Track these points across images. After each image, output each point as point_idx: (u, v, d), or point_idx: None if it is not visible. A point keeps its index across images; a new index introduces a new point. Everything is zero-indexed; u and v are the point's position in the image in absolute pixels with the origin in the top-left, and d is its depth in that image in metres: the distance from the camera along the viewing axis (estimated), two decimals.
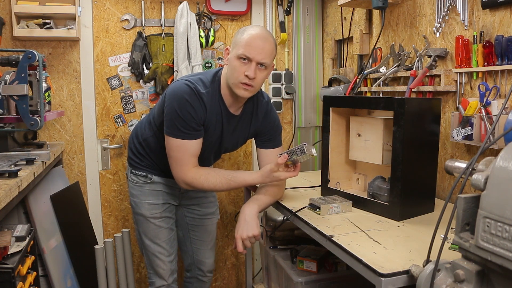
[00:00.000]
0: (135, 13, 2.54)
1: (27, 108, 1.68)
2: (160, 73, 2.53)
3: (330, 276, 1.90)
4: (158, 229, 1.93)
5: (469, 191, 1.61)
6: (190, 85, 1.64)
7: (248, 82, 1.60)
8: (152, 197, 1.91)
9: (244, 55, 1.58)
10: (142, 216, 1.92)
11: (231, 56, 1.63)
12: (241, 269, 2.93)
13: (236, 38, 1.64)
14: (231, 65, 1.62)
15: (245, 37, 1.60)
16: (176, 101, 1.63)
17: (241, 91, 1.63)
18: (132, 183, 1.94)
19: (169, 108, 1.65)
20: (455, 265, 0.96)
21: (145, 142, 1.89)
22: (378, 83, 2.15)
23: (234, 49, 1.62)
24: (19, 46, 2.36)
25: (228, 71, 1.65)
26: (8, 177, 1.47)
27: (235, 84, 1.62)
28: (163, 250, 1.94)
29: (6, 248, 1.38)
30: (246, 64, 1.59)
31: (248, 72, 1.59)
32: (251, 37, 1.59)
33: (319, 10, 2.84)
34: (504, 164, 0.87)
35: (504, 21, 1.53)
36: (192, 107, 1.62)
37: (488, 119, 1.53)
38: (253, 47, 1.58)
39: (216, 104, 1.70)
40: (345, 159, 1.87)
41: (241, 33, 1.62)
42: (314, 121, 2.89)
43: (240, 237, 1.64)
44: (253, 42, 1.58)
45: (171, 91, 1.67)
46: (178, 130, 1.64)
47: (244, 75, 1.59)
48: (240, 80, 1.61)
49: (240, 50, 1.58)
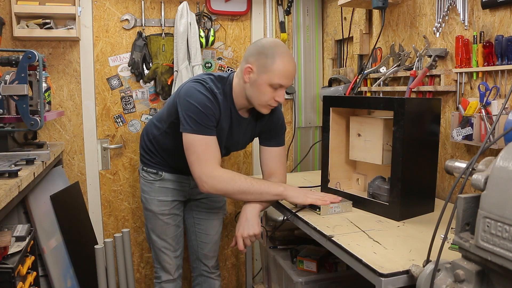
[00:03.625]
0: (135, 13, 2.54)
1: (27, 108, 1.68)
2: (160, 73, 2.53)
3: (330, 276, 1.90)
4: (166, 225, 1.97)
5: (469, 191, 1.61)
6: (205, 84, 1.67)
7: (275, 105, 1.67)
8: (162, 194, 1.95)
9: (280, 85, 1.61)
10: (152, 212, 1.96)
11: (259, 81, 1.62)
12: (241, 269, 2.93)
13: (265, 62, 1.60)
14: (259, 89, 1.63)
15: (279, 67, 1.59)
16: (194, 97, 1.63)
17: (266, 111, 1.70)
18: (143, 179, 1.99)
19: (188, 105, 1.63)
20: (455, 265, 0.96)
21: (154, 140, 1.92)
22: (378, 83, 2.15)
23: (265, 75, 1.60)
24: (19, 46, 2.36)
25: (254, 92, 1.65)
26: (8, 177, 1.47)
27: (262, 106, 1.67)
28: (169, 245, 2.00)
29: (6, 248, 1.38)
30: (277, 90, 1.63)
31: (280, 98, 1.64)
32: (286, 66, 1.60)
33: (319, 10, 2.83)
34: (504, 164, 0.87)
35: (504, 21, 1.53)
36: (211, 101, 1.64)
37: (488, 119, 1.53)
38: (288, 77, 1.62)
39: (227, 106, 1.72)
40: (345, 159, 1.87)
41: (271, 59, 1.59)
42: (314, 121, 2.89)
43: (241, 235, 1.64)
44: (288, 73, 1.61)
45: (187, 89, 1.67)
46: (199, 125, 1.61)
47: (274, 100, 1.64)
48: (268, 103, 1.65)
49: (276, 80, 1.60)
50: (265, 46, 1.62)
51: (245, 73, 1.65)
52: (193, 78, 1.73)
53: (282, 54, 1.60)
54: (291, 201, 1.67)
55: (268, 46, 1.62)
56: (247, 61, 1.65)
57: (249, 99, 1.68)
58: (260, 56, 1.61)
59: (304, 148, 2.89)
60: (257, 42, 1.67)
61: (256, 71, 1.62)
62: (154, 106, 2.64)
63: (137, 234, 2.69)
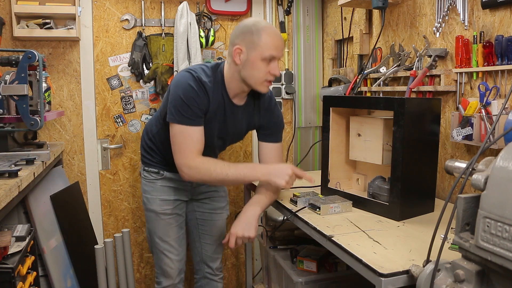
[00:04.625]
0: (135, 13, 2.54)
1: (27, 108, 1.68)
2: (160, 73, 2.53)
3: (330, 276, 1.90)
4: (168, 226, 1.94)
5: (469, 191, 1.61)
6: (193, 73, 1.67)
7: (272, 79, 1.69)
8: (164, 193, 1.93)
9: (272, 56, 1.63)
10: (153, 212, 1.93)
11: (251, 58, 1.64)
12: (241, 269, 2.93)
13: (252, 39, 1.63)
14: (254, 66, 1.64)
15: (267, 40, 1.62)
16: (180, 88, 1.66)
17: (266, 88, 1.71)
18: (144, 179, 1.97)
19: (174, 95, 1.67)
20: (455, 265, 0.96)
21: (154, 138, 1.93)
22: (378, 83, 2.15)
23: (255, 51, 1.62)
24: (19, 46, 2.36)
25: (248, 71, 1.66)
26: (8, 177, 1.47)
27: (259, 83, 1.68)
28: (172, 248, 1.95)
29: (6, 248, 1.38)
30: (270, 63, 1.64)
31: (275, 71, 1.66)
32: (273, 38, 1.63)
33: (319, 10, 2.83)
34: (504, 164, 0.87)
35: (504, 21, 1.53)
36: (196, 93, 1.65)
37: (488, 119, 1.53)
38: (278, 47, 1.65)
39: (218, 94, 1.72)
40: (345, 159, 1.87)
41: (257, 34, 1.62)
42: (314, 121, 2.89)
43: (236, 233, 1.66)
44: (275, 43, 1.64)
45: (175, 80, 1.70)
46: (181, 116, 1.65)
47: (270, 73, 1.66)
48: (265, 79, 1.67)
49: (267, 53, 1.62)
50: (248, 25, 1.66)
51: (234, 55, 1.66)
52: (186, 68, 1.75)
53: (266, 28, 1.64)
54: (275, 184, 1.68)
55: (251, 24, 1.66)
56: (234, 43, 1.67)
57: (245, 81, 1.69)
58: (246, 35, 1.64)
59: (304, 148, 2.89)
60: (239, 25, 1.70)
61: (246, 50, 1.64)
62: (154, 106, 2.64)
63: (137, 234, 2.69)
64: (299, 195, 1.75)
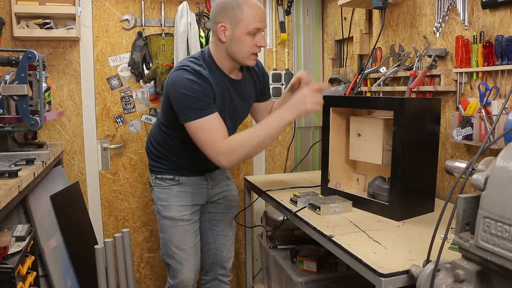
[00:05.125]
0: (135, 13, 2.54)
1: (27, 108, 1.68)
2: (160, 73, 2.53)
3: (330, 276, 1.90)
4: (185, 233, 1.89)
5: (469, 191, 1.61)
6: (186, 67, 1.65)
7: (258, 51, 1.70)
8: (181, 198, 1.89)
9: (256, 30, 1.64)
10: (171, 219, 1.88)
11: (237, 34, 1.65)
12: (241, 269, 2.93)
13: (234, 14, 1.63)
14: (240, 41, 1.65)
15: (249, 13, 1.63)
16: (180, 85, 1.62)
17: (253, 61, 1.72)
18: (158, 187, 1.91)
19: (177, 94, 1.62)
20: (455, 265, 0.96)
21: (161, 148, 1.89)
22: (378, 83, 2.15)
23: (240, 26, 1.63)
24: (19, 46, 2.36)
25: (235, 47, 1.67)
26: (8, 177, 1.47)
27: (247, 57, 1.69)
28: (189, 257, 1.90)
29: (6, 248, 1.38)
30: (255, 36, 1.65)
31: (261, 43, 1.67)
32: (255, 10, 1.64)
33: (319, 10, 2.83)
34: (504, 164, 0.87)
35: (504, 21, 1.53)
36: (198, 83, 1.62)
37: (488, 119, 1.53)
38: (260, 19, 1.65)
39: (216, 76, 1.72)
40: (345, 159, 1.87)
41: (239, 9, 1.63)
42: (314, 121, 2.89)
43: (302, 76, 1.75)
44: (258, 15, 1.65)
45: (171, 81, 1.67)
46: (194, 110, 1.60)
47: (256, 46, 1.67)
48: (252, 52, 1.68)
49: (251, 26, 1.63)
50: (227, 1, 1.66)
51: (219, 33, 1.67)
52: (174, 68, 1.72)
53: (246, 1, 1.64)
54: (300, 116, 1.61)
55: (231, 1, 1.66)
56: (216, 21, 1.67)
57: (233, 57, 1.70)
58: (227, 11, 1.64)
59: (304, 148, 2.89)
60: (216, 3, 1.69)
61: (230, 27, 1.65)
62: (154, 106, 2.64)
63: (137, 234, 2.70)
64: (299, 195, 1.75)
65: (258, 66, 1.90)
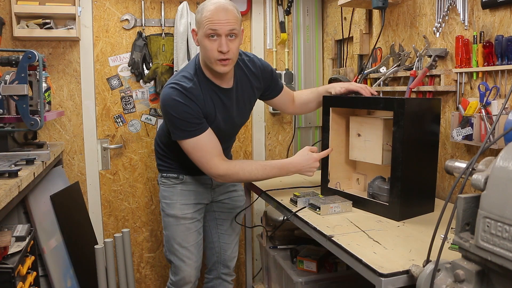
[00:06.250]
0: (135, 13, 2.54)
1: (27, 108, 1.68)
2: (160, 73, 2.53)
3: (330, 276, 1.90)
4: (187, 231, 1.91)
5: (469, 191, 1.61)
6: (175, 86, 1.65)
7: (223, 57, 1.61)
8: (184, 197, 1.91)
9: (211, 32, 1.58)
10: (173, 217, 1.90)
11: (199, 37, 1.64)
12: (241, 269, 2.93)
13: (197, 17, 1.63)
14: (202, 45, 1.64)
15: (206, 15, 1.59)
16: (168, 106, 1.65)
17: (220, 68, 1.64)
18: (163, 185, 1.94)
19: (167, 115, 1.68)
20: (455, 265, 0.96)
21: (166, 148, 1.92)
22: (378, 83, 2.14)
23: (201, 30, 1.62)
24: (19, 46, 2.36)
25: (202, 52, 1.67)
26: (8, 177, 1.47)
27: (213, 63, 1.64)
28: (191, 254, 1.92)
29: (6, 248, 1.38)
30: (216, 40, 1.60)
31: (221, 48, 1.59)
32: (212, 13, 1.58)
33: (319, 10, 2.83)
34: (504, 164, 0.87)
35: (504, 21, 1.53)
36: (185, 105, 1.63)
37: (488, 119, 1.53)
38: (217, 21, 1.57)
39: (207, 90, 1.70)
40: (345, 159, 1.87)
41: (200, 12, 1.62)
42: (314, 121, 2.89)
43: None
44: (215, 17, 1.58)
45: (162, 99, 1.69)
46: (184, 131, 1.65)
47: (217, 51, 1.60)
48: (216, 58, 1.61)
49: (206, 28, 1.58)
50: (200, 6, 1.65)
51: (194, 38, 1.68)
52: (168, 82, 1.71)
53: (208, 4, 1.61)
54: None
55: (201, 4, 1.65)
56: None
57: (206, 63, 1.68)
58: (197, 15, 1.65)
59: None
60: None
61: (197, 31, 1.65)
62: (154, 106, 2.64)
63: (137, 234, 2.70)
64: (299, 195, 1.75)
65: (254, 66, 1.85)
